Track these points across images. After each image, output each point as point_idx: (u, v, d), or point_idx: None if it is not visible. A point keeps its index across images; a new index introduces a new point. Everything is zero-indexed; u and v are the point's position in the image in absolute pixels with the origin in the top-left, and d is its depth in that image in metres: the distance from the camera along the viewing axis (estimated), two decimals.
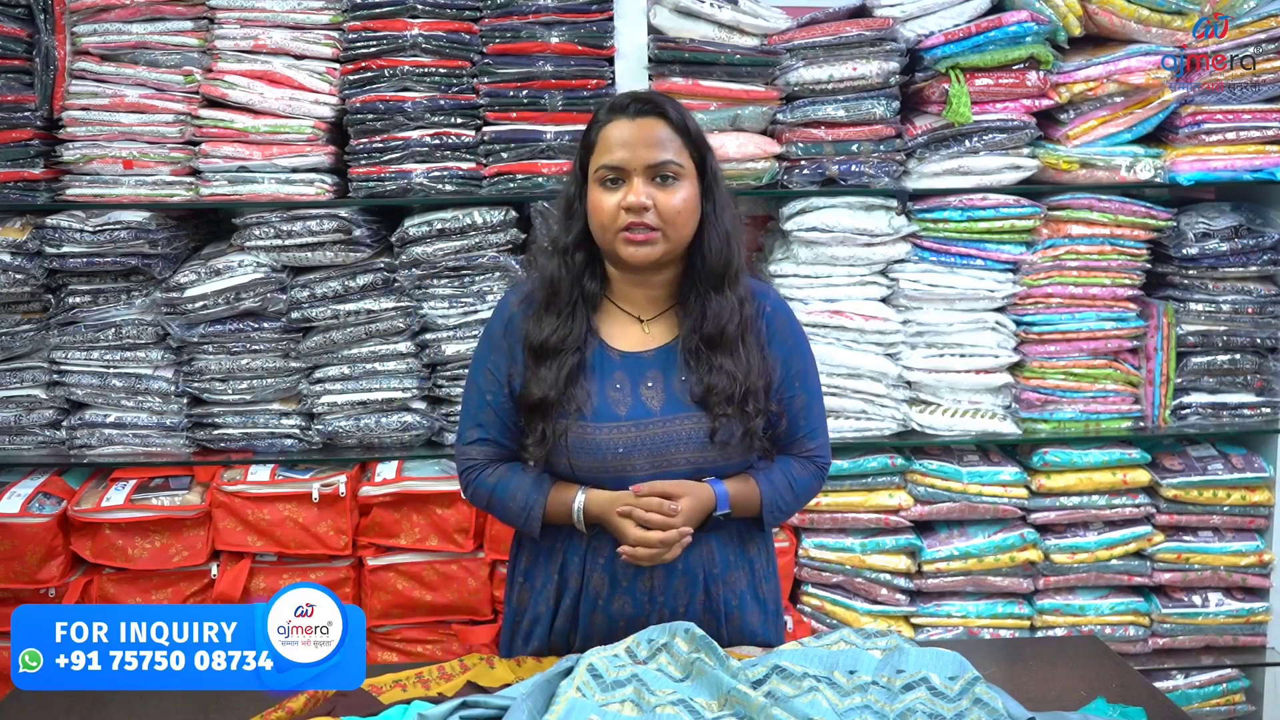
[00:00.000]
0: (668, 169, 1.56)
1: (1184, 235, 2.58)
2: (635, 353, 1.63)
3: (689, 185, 1.58)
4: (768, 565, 1.74)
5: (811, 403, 1.70)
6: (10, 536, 2.37)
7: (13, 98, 2.43)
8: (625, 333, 1.64)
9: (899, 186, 2.51)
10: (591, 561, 1.64)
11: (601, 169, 1.57)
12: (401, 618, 2.49)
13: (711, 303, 1.60)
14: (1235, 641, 2.68)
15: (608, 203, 1.56)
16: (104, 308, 2.48)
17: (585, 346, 1.61)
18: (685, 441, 1.59)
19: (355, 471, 2.49)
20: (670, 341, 1.64)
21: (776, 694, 1.36)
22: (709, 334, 1.59)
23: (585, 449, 1.59)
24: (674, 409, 1.60)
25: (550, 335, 1.60)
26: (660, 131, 1.57)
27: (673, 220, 1.56)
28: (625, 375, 1.61)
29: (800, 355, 1.69)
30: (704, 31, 2.46)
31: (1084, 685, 1.61)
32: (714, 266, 1.61)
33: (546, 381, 1.59)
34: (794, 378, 1.67)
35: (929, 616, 2.61)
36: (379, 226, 2.53)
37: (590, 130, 1.62)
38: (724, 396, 1.57)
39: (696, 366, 1.60)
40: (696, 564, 1.63)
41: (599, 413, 1.59)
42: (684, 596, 1.63)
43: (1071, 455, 2.58)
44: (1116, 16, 2.45)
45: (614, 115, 1.60)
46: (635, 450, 1.58)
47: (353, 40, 2.43)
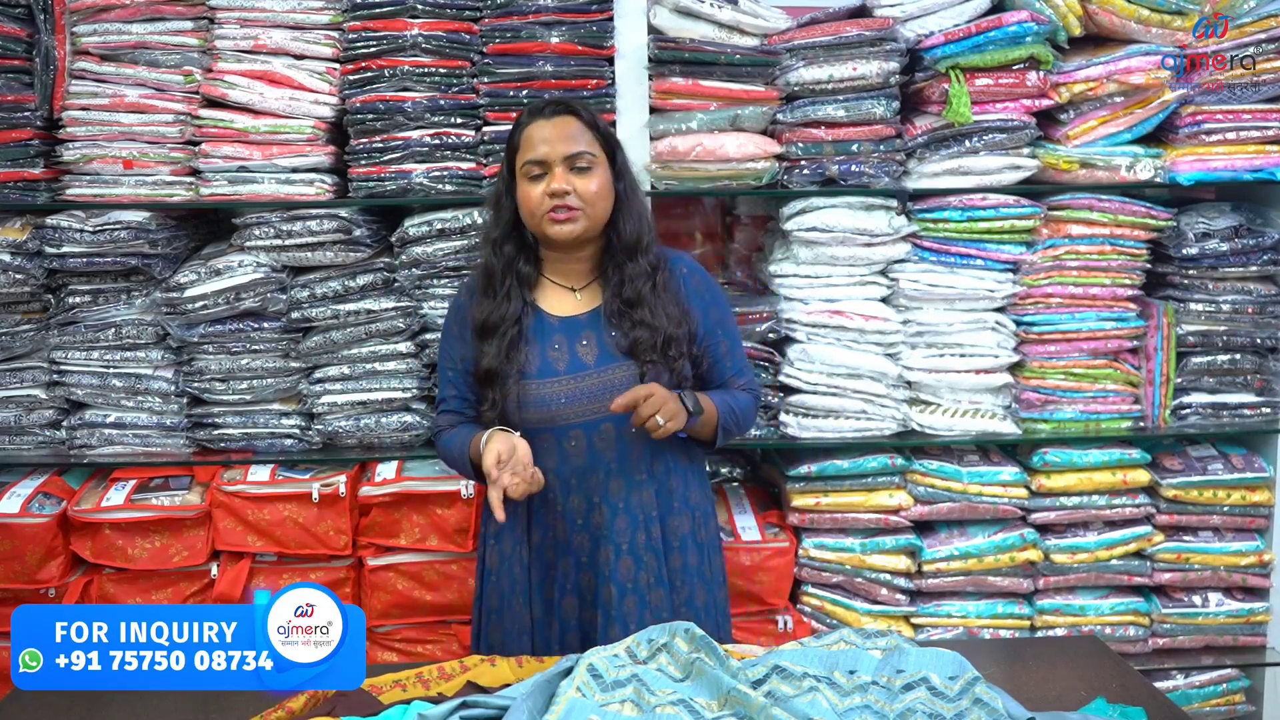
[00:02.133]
0: (582, 159, 1.83)
1: (1184, 235, 2.58)
2: (570, 316, 1.89)
3: (602, 172, 1.85)
4: (705, 511, 1.99)
5: (734, 346, 1.99)
6: (10, 536, 2.37)
7: (13, 98, 2.43)
8: (561, 301, 1.91)
9: (899, 186, 2.51)
10: (552, 515, 1.88)
11: (527, 164, 1.83)
12: (401, 618, 2.49)
13: (627, 269, 1.87)
14: (1235, 641, 2.67)
15: (535, 192, 1.82)
16: (104, 308, 2.48)
17: (524, 317, 1.88)
18: (619, 388, 1.81)
19: (355, 471, 2.49)
20: (599, 305, 1.90)
21: (776, 694, 1.36)
22: (628, 297, 1.85)
23: (531, 403, 1.84)
24: (606, 361, 1.85)
25: (490, 315, 1.87)
26: (574, 128, 1.84)
27: (591, 201, 1.82)
28: (563, 336, 1.87)
29: (718, 306, 1.97)
30: (704, 31, 2.46)
31: (1084, 685, 1.61)
32: (628, 240, 1.88)
33: (490, 354, 1.85)
34: (715, 326, 1.94)
35: (929, 616, 2.60)
36: (379, 226, 2.53)
37: (514, 133, 1.89)
38: (647, 346, 1.83)
39: (620, 323, 1.86)
40: (637, 506, 1.88)
41: (541, 370, 1.85)
42: (625, 534, 1.87)
43: (1071, 455, 2.58)
44: (1116, 16, 2.45)
45: (534, 118, 1.87)
46: (575, 400, 1.84)
47: (353, 40, 2.43)
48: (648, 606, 1.86)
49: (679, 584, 1.91)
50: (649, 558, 1.88)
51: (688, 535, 1.92)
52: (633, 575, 1.87)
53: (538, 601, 1.90)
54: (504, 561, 1.91)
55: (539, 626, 1.90)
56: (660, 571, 1.89)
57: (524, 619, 1.89)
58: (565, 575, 1.89)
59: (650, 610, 1.86)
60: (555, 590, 1.89)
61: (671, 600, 1.90)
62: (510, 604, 1.90)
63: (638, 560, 1.87)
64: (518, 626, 1.90)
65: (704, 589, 1.94)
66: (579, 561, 1.88)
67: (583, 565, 1.88)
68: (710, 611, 1.95)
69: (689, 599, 1.92)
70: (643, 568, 1.87)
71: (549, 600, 1.90)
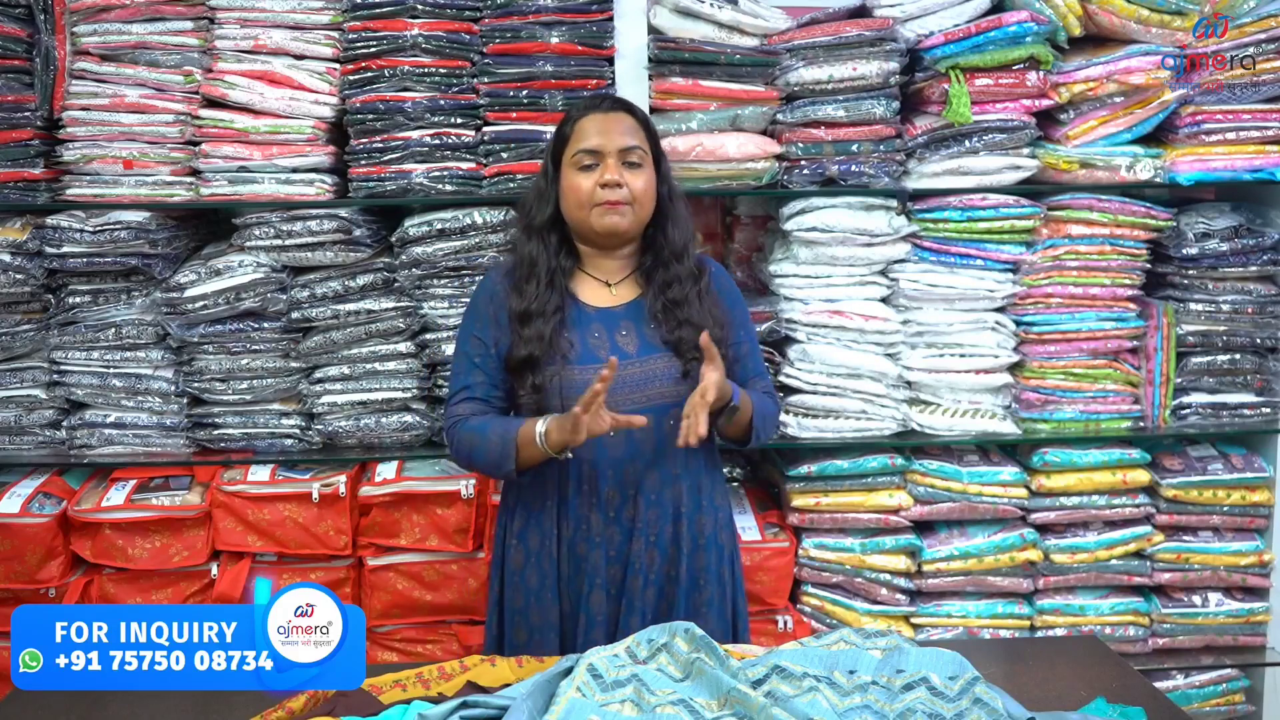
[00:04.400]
0: (634, 154, 1.84)
1: (1184, 235, 2.58)
2: (607, 308, 1.90)
3: (649, 172, 1.87)
4: (726, 515, 1.99)
5: (754, 347, 2.00)
6: (10, 536, 2.37)
7: (13, 98, 2.43)
8: (596, 294, 1.91)
9: (899, 186, 2.51)
10: (585, 506, 1.86)
11: (579, 153, 1.84)
12: (401, 618, 2.48)
13: (673, 268, 1.89)
14: (1235, 641, 2.68)
15: (585, 183, 1.83)
16: (104, 308, 2.48)
17: (565, 306, 1.87)
18: (660, 378, 1.84)
19: (355, 471, 2.49)
20: (636, 298, 1.91)
21: (776, 694, 1.36)
22: (674, 298, 1.87)
23: (575, 389, 1.80)
24: (648, 351, 1.86)
25: (532, 302, 1.86)
26: (628, 124, 1.87)
27: (640, 198, 1.84)
28: (601, 326, 1.88)
29: (740, 308, 2.00)
30: (704, 31, 2.46)
31: (1084, 685, 1.61)
32: (675, 243, 1.90)
33: (532, 340, 1.83)
34: (739, 327, 1.97)
35: (929, 616, 2.61)
36: (379, 226, 2.53)
37: (564, 125, 1.89)
38: (691, 344, 1.83)
39: (666, 321, 1.87)
40: (669, 499, 1.87)
41: (584, 356, 1.84)
42: (655, 526, 1.87)
43: (1071, 455, 2.58)
44: (1116, 16, 2.45)
45: (587, 111, 1.88)
46: (618, 388, 1.80)
47: (353, 40, 2.43)
48: (665, 600, 1.87)
49: (701, 583, 1.90)
50: (674, 551, 1.87)
51: (711, 535, 1.92)
52: (658, 568, 1.87)
53: (568, 595, 1.88)
54: (530, 558, 1.89)
55: (567, 621, 1.89)
56: (684, 567, 1.88)
57: (553, 615, 1.88)
58: (595, 569, 1.87)
59: (669, 605, 1.86)
60: (585, 583, 1.87)
61: (692, 599, 1.89)
62: (540, 600, 1.88)
63: (664, 554, 1.87)
64: (545, 623, 1.88)
65: (721, 590, 1.93)
66: (608, 555, 1.87)
67: (612, 558, 1.87)
68: (728, 613, 1.94)
69: (709, 599, 1.90)
70: (667, 561, 1.87)
71: (578, 594, 1.88)
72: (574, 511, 1.87)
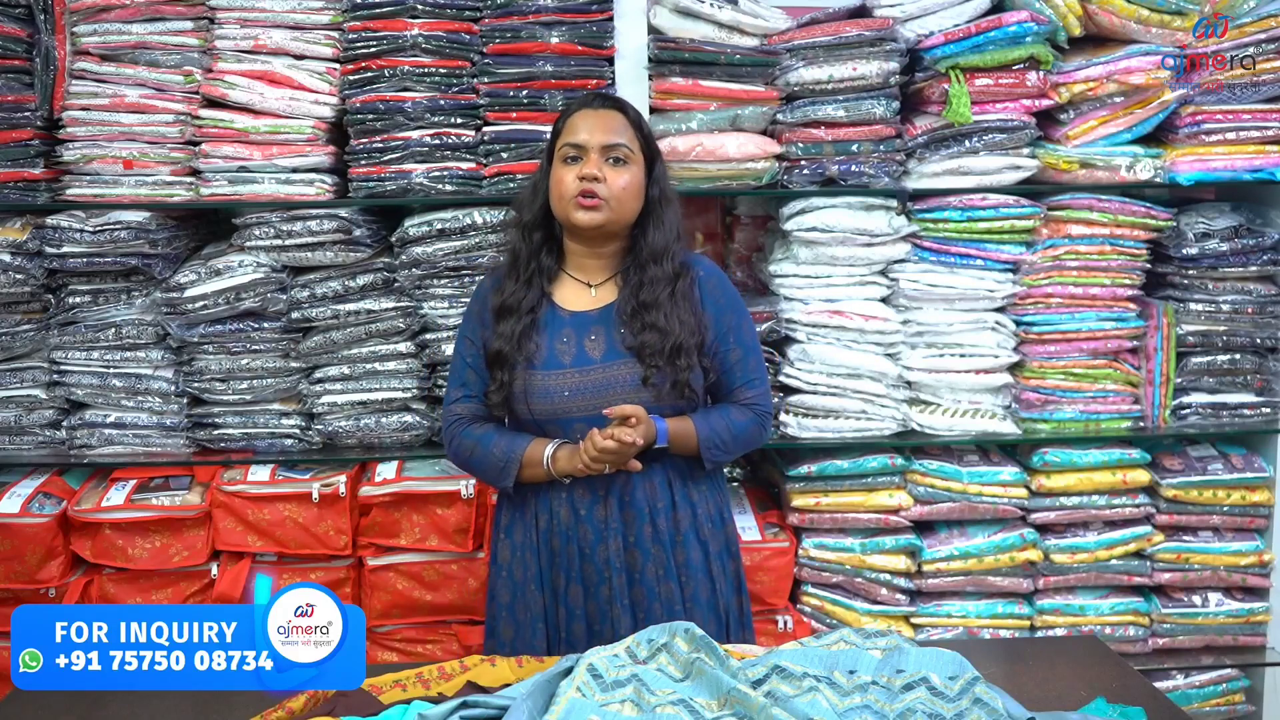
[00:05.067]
0: (619, 151, 1.85)
1: (1184, 235, 2.58)
2: (582, 311, 1.90)
3: (636, 171, 1.87)
4: (714, 511, 1.97)
5: (747, 356, 1.94)
6: (10, 536, 2.37)
7: (13, 98, 2.43)
8: (576, 297, 1.92)
9: (899, 186, 2.51)
10: (558, 501, 1.89)
11: (565, 146, 1.86)
12: (401, 618, 2.48)
13: (649, 270, 1.87)
14: (1235, 641, 2.68)
15: (567, 175, 1.85)
16: (104, 308, 2.48)
17: (539, 308, 1.90)
18: (621, 384, 1.85)
19: (355, 471, 2.49)
20: (612, 301, 1.91)
21: (776, 694, 1.36)
22: (644, 299, 1.86)
23: (537, 393, 1.86)
24: (612, 357, 1.87)
25: (509, 297, 1.90)
26: (618, 122, 1.88)
27: (617, 195, 1.84)
28: (572, 331, 1.89)
29: (734, 313, 1.94)
30: (704, 31, 2.46)
31: (1084, 685, 1.61)
32: (654, 245, 1.88)
33: (504, 336, 1.87)
34: (727, 333, 1.92)
35: (929, 616, 2.61)
36: (379, 226, 2.53)
37: (559, 120, 1.92)
38: (655, 350, 1.83)
39: (631, 323, 1.86)
40: (643, 498, 1.88)
41: (547, 362, 1.87)
42: (633, 527, 1.88)
43: (1071, 455, 2.58)
44: (1116, 16, 2.45)
45: (581, 107, 1.91)
46: (579, 393, 1.85)
47: (353, 40, 2.43)
48: (657, 599, 1.88)
49: (683, 579, 1.91)
50: (656, 550, 1.89)
51: (689, 532, 1.92)
52: (640, 567, 1.88)
53: (548, 588, 1.91)
54: (515, 551, 1.93)
55: (549, 613, 1.91)
56: (669, 565, 1.90)
57: (537, 605, 1.91)
58: (569, 562, 1.90)
59: (660, 603, 1.88)
60: (561, 577, 1.90)
61: (681, 595, 1.90)
62: (523, 592, 1.92)
63: (644, 553, 1.88)
64: (531, 614, 1.91)
65: (711, 586, 1.94)
66: (581, 551, 1.89)
67: (585, 555, 1.89)
68: (720, 610, 1.95)
69: (694, 595, 1.92)
70: (650, 559, 1.88)
71: (556, 587, 1.91)
72: (546, 505, 1.91)
